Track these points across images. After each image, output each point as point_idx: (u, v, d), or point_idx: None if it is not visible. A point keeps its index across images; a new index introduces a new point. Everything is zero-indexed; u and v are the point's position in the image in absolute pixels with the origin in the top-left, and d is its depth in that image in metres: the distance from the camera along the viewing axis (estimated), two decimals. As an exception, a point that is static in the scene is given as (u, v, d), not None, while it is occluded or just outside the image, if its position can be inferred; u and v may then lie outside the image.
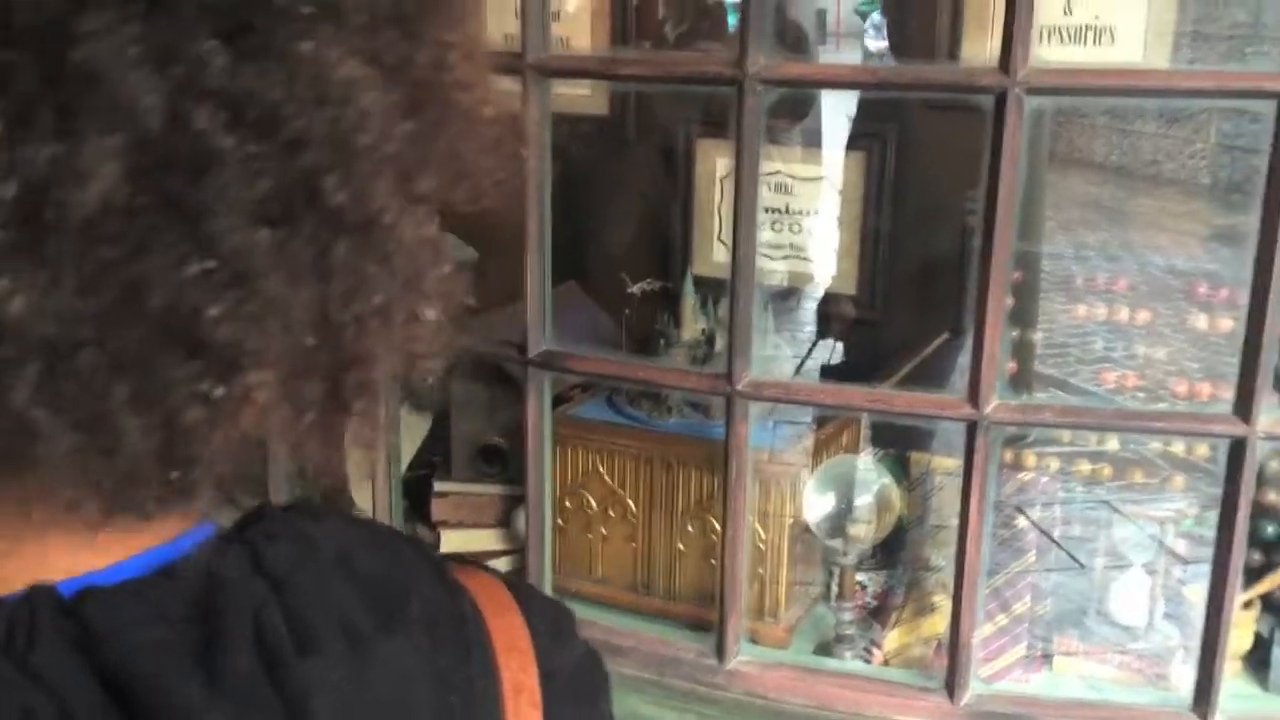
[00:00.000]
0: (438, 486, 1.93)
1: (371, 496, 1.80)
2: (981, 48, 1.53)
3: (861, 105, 1.96)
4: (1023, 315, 1.68)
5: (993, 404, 1.42)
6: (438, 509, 1.93)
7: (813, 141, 2.00)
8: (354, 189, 0.48)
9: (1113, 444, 1.64)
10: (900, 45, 2.20)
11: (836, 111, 1.98)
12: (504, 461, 1.90)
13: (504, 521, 1.90)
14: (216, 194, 0.45)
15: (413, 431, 1.97)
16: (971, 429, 1.43)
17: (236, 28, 0.46)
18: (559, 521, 1.75)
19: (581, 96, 2.07)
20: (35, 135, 0.43)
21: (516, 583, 0.67)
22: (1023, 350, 1.69)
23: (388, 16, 0.50)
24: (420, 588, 0.61)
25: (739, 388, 1.51)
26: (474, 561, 0.69)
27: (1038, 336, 1.72)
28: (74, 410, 0.46)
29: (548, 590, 1.67)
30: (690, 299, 1.80)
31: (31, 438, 0.46)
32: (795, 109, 1.90)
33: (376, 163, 0.49)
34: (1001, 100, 1.34)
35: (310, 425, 0.52)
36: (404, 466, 1.90)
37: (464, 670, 0.59)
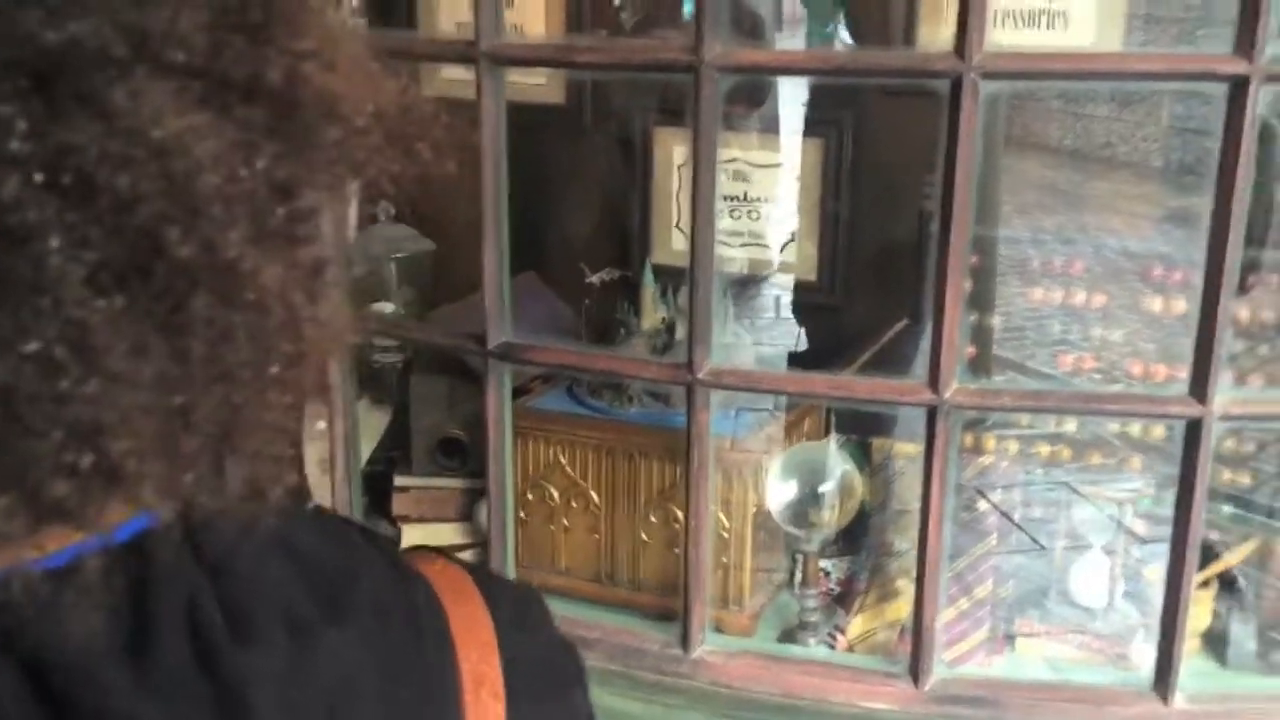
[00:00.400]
0: (398, 481, 1.92)
1: (331, 492, 1.78)
2: (937, 33, 1.53)
3: (818, 92, 1.96)
4: (981, 299, 1.68)
5: (952, 388, 1.42)
6: (398, 504, 1.91)
7: (770, 128, 1.99)
8: (201, 239, 0.45)
9: (1071, 426, 1.65)
10: (856, 32, 2.20)
11: (794, 98, 1.98)
12: (464, 455, 1.89)
13: (466, 515, 1.89)
14: (37, 268, 0.42)
15: (371, 426, 1.95)
16: (932, 414, 1.43)
17: (42, 82, 0.42)
18: (521, 514, 1.74)
19: (537, 85, 2.05)
20: None
21: (482, 571, 0.66)
22: (981, 334, 1.70)
23: (231, 31, 0.46)
24: (371, 574, 0.59)
25: (699, 376, 1.50)
26: (438, 550, 0.67)
27: (996, 320, 1.72)
28: None
29: (511, 583, 1.65)
30: (650, 288, 1.79)
31: None
32: (752, 95, 1.89)
33: (225, 206, 0.46)
34: (957, 85, 1.34)
35: (198, 480, 0.49)
36: (363, 461, 1.88)
37: (417, 661, 0.58)
